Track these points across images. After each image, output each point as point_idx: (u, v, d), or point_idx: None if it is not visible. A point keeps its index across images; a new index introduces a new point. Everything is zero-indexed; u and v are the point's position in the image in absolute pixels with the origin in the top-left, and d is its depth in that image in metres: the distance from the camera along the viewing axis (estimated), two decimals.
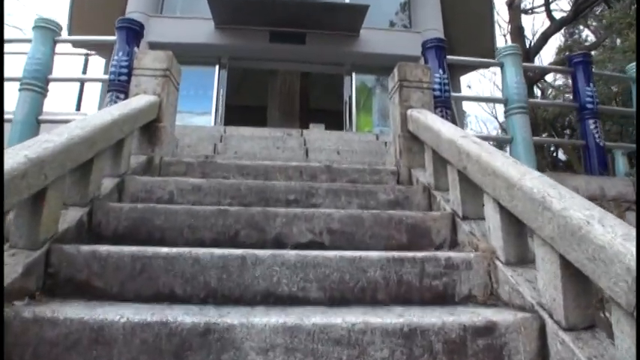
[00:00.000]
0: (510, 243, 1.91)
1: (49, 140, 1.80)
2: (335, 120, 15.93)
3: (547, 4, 18.01)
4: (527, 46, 17.21)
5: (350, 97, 9.18)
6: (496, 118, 24.01)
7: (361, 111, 9.17)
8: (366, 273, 1.81)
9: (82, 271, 1.75)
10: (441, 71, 4.09)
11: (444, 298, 1.86)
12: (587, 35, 23.02)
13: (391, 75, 3.65)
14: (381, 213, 2.28)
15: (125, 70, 3.67)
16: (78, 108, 6.88)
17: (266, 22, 8.51)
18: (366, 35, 8.88)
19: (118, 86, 3.69)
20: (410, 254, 1.87)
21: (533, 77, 17.96)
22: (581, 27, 22.99)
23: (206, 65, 8.91)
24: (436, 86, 3.94)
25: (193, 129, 5.72)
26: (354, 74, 9.28)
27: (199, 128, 5.71)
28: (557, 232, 1.48)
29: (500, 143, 4.88)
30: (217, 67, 8.89)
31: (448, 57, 4.27)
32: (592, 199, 2.88)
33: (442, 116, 3.90)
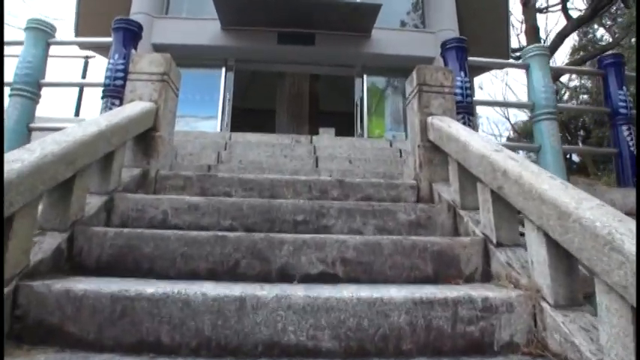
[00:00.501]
0: (559, 282, 1.62)
1: (17, 159, 1.56)
2: (345, 123, 15.69)
3: (564, 3, 17.59)
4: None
5: (361, 100, 8.90)
6: (508, 119, 23.60)
7: (373, 115, 8.89)
8: (389, 318, 1.54)
9: (53, 313, 1.51)
10: (462, 74, 3.81)
11: (480, 347, 1.58)
12: (602, 35, 22.58)
13: (409, 78, 3.37)
14: (403, 240, 2.00)
15: (121, 75, 3.44)
16: (77, 113, 6.67)
17: (274, 22, 8.28)
18: (377, 35, 8.60)
19: (113, 92, 3.45)
20: (440, 295, 1.59)
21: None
22: (596, 26, 22.58)
23: (212, 68, 8.71)
24: (457, 90, 3.66)
25: (196, 135, 5.48)
26: (365, 76, 9.00)
27: (203, 134, 5.49)
28: (631, 281, 1.19)
29: (524, 151, 4.56)
30: (224, 69, 8.68)
31: (469, 58, 3.98)
32: (630, 214, 2.59)
33: (464, 123, 3.62)
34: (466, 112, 3.68)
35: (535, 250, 1.72)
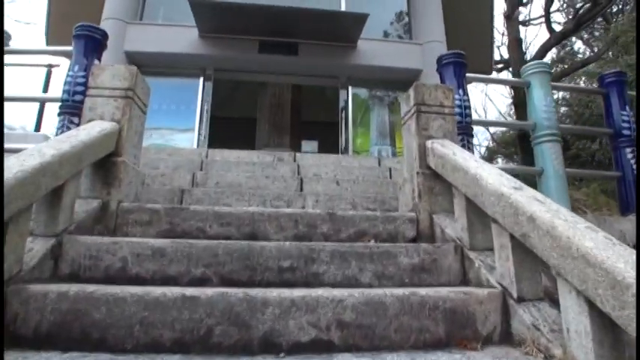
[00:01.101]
0: (605, 358, 1.34)
1: None
2: (329, 134, 15.43)
3: (547, 16, 17.82)
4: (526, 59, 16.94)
5: (346, 113, 8.65)
6: (487, 129, 23.83)
7: (358, 127, 8.64)
8: None
9: None
10: (460, 92, 3.57)
11: None
12: (580, 47, 23.16)
13: (405, 96, 3.11)
14: (410, 296, 1.71)
15: (81, 89, 3.07)
16: (37, 128, 6.19)
17: (255, 31, 7.99)
18: (363, 46, 8.39)
19: (71, 108, 3.08)
20: None
21: None
22: (574, 39, 23.21)
23: (189, 77, 8.34)
24: (456, 110, 3.41)
25: (170, 152, 5.11)
26: (350, 88, 8.76)
27: (177, 151, 5.12)
28: None
29: (523, 175, 4.35)
30: (201, 78, 8.32)
31: (468, 75, 3.75)
32: None
33: (463, 145, 3.38)
34: (465, 133, 3.44)
35: (573, 318, 1.44)
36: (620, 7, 18.08)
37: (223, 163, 4.63)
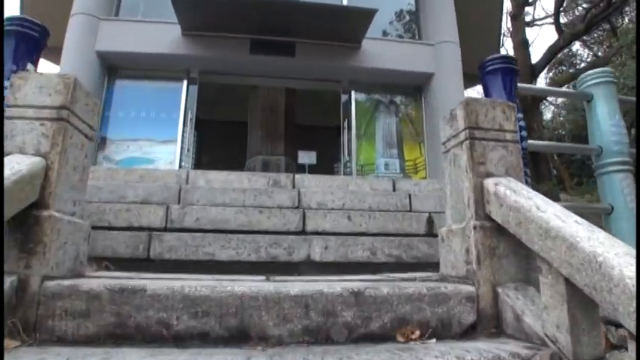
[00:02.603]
0: None
1: None
2: (327, 140, 14.73)
3: (556, 16, 17.28)
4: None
5: (348, 121, 7.92)
6: None
7: (362, 137, 7.92)
8: None
9: None
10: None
11: None
12: (577, 49, 22.88)
13: (448, 117, 2.39)
14: None
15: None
16: None
17: (246, 28, 7.24)
18: (368, 47, 7.68)
19: None
20: None
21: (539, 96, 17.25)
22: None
23: (171, 80, 7.56)
24: None
25: (143, 174, 4.34)
26: (353, 92, 8.04)
27: (151, 173, 4.35)
28: None
29: (586, 214, 3.61)
30: (185, 82, 7.54)
31: (521, 85, 3.02)
32: None
33: (526, 182, 2.64)
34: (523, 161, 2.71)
35: None
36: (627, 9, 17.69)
37: (207, 191, 3.87)
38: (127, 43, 7.18)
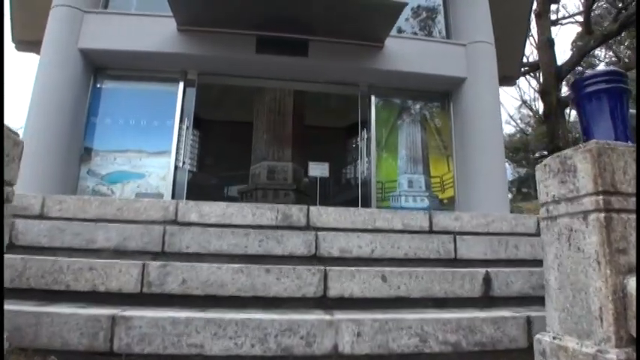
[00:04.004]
0: None
1: None
2: (339, 143, 13.99)
3: (587, 15, 16.38)
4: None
5: (367, 130, 7.13)
6: None
7: (383, 150, 7.12)
8: None
9: None
10: (629, 143, 2.05)
11: None
12: (595, 51, 22.09)
13: (556, 166, 1.62)
14: None
15: None
16: None
17: (252, 24, 6.46)
18: (392, 46, 6.88)
19: None
20: None
21: (568, 98, 16.41)
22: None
23: (166, 83, 6.81)
24: None
25: (120, 207, 3.59)
26: (373, 98, 7.25)
27: (131, 206, 3.58)
28: None
29: None
30: (181, 84, 6.78)
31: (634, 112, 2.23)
32: None
33: None
34: None
35: None
36: None
37: (199, 235, 3.11)
38: (115, 39, 6.43)
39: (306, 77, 7.24)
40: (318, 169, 7.94)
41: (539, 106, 25.55)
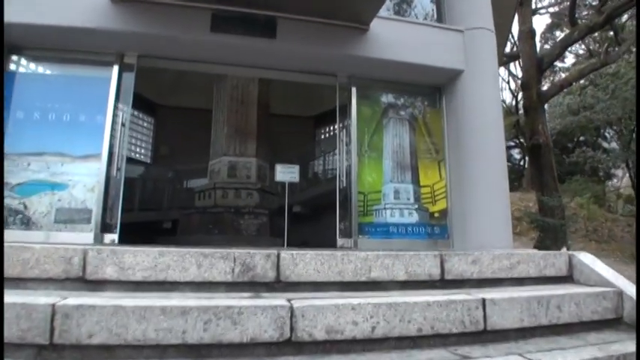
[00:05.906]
0: None
1: None
2: (307, 137, 13.03)
3: (572, 6, 15.94)
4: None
5: (347, 130, 6.18)
6: None
7: (366, 153, 6.18)
8: None
9: None
10: None
11: None
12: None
13: None
14: None
15: None
16: None
17: None
18: (378, 30, 5.90)
19: None
20: None
21: (548, 92, 16.07)
22: (558, 34, 22.65)
23: (96, 66, 5.59)
24: None
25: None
26: (354, 90, 6.27)
27: (18, 254, 2.48)
28: None
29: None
30: (116, 68, 5.58)
31: None
32: None
33: None
34: None
35: None
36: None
37: (110, 314, 2.07)
38: (36, 12, 5.16)
39: (274, 64, 6.17)
40: (287, 174, 6.91)
41: (506, 96, 25.60)
